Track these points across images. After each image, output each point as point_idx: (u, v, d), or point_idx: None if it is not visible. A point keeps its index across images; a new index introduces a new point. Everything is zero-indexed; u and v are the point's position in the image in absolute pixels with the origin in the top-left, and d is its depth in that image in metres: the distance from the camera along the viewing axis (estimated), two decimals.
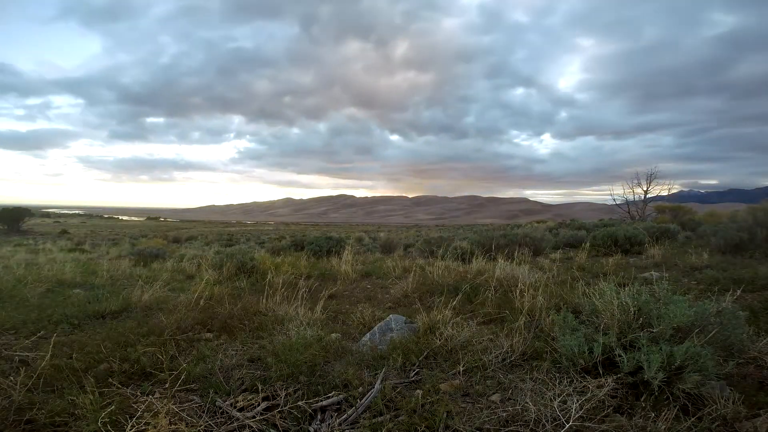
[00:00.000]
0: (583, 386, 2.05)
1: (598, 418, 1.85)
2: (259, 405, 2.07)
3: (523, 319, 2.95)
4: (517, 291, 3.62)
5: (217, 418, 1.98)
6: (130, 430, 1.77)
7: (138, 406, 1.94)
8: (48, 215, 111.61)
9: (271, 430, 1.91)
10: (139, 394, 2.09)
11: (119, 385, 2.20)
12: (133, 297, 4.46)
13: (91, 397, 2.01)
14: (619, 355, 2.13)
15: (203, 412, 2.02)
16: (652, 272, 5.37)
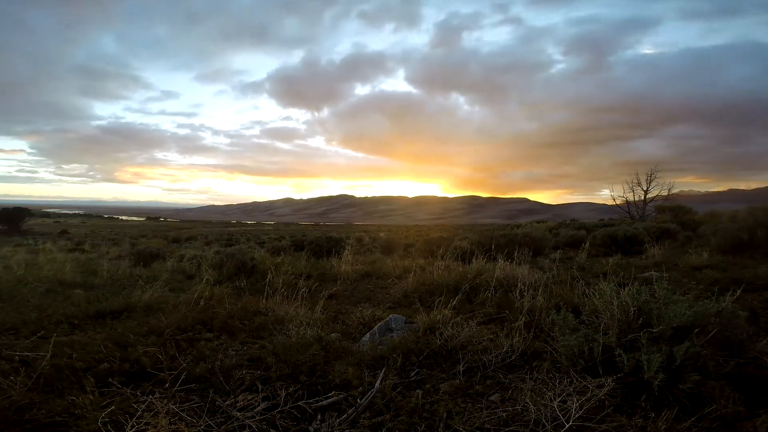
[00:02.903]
0: (583, 386, 2.05)
1: (598, 418, 1.86)
2: (259, 405, 2.07)
3: (523, 319, 2.96)
4: (517, 291, 3.62)
5: (217, 418, 1.98)
6: (130, 430, 1.77)
7: (138, 406, 1.94)
8: (48, 215, 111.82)
9: (271, 430, 1.91)
10: (139, 394, 2.10)
11: (119, 385, 2.21)
12: (134, 297, 4.46)
13: (91, 397, 2.01)
14: (619, 355, 2.14)
15: (203, 412, 2.03)
16: (652, 272, 5.37)
